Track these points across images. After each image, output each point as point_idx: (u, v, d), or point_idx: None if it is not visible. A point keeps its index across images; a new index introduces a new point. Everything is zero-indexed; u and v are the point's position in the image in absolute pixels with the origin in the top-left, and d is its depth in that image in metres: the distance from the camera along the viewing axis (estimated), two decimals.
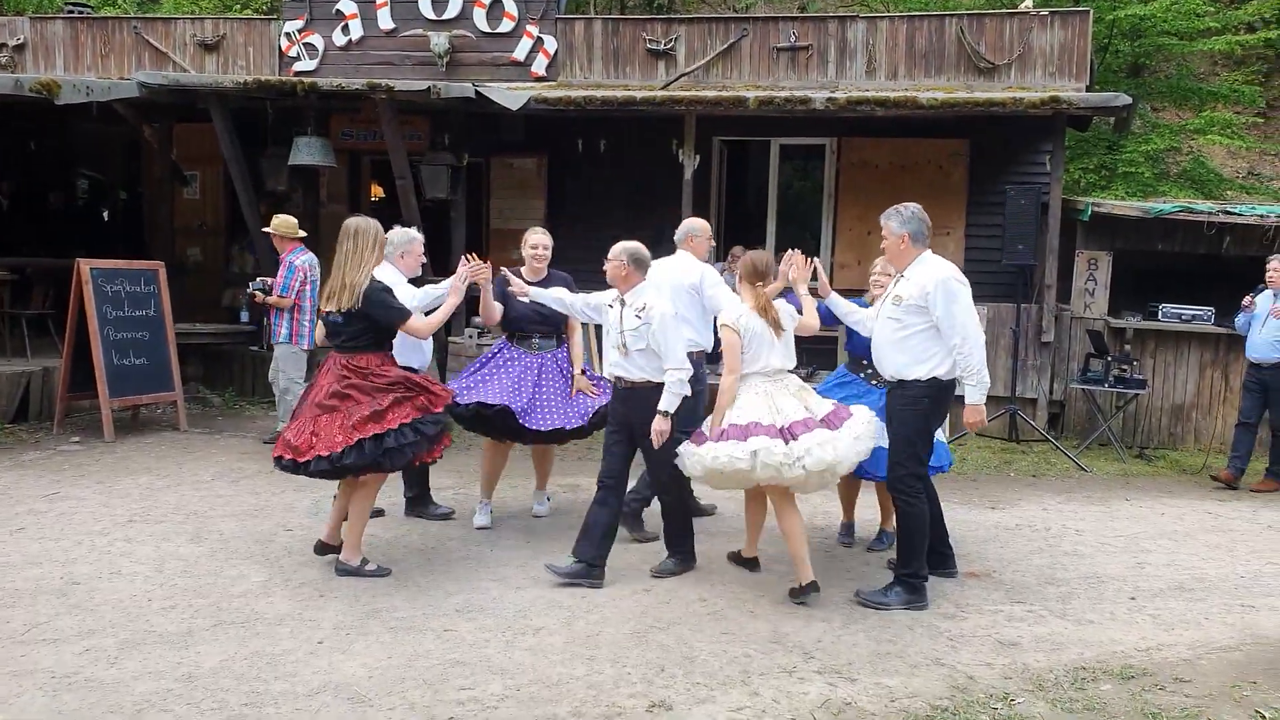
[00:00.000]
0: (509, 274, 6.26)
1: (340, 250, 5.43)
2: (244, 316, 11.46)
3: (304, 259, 8.80)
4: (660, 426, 5.40)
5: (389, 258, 5.97)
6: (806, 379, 9.57)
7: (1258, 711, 4.26)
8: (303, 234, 8.93)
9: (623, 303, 5.63)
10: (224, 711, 3.99)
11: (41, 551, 5.86)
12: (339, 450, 5.21)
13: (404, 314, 5.47)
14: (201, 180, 12.83)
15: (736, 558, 6.00)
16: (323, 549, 5.78)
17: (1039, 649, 4.90)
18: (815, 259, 5.93)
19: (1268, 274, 8.64)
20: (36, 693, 4.11)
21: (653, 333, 5.44)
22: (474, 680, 4.31)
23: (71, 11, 12.88)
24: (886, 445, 5.52)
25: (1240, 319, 8.90)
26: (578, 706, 4.11)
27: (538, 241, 6.51)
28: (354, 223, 5.50)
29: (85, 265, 9.13)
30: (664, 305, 5.56)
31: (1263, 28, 16.11)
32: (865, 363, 6.04)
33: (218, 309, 12.09)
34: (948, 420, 6.16)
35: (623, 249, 5.65)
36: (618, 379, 5.67)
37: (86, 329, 9.04)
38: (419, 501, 6.84)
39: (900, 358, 5.36)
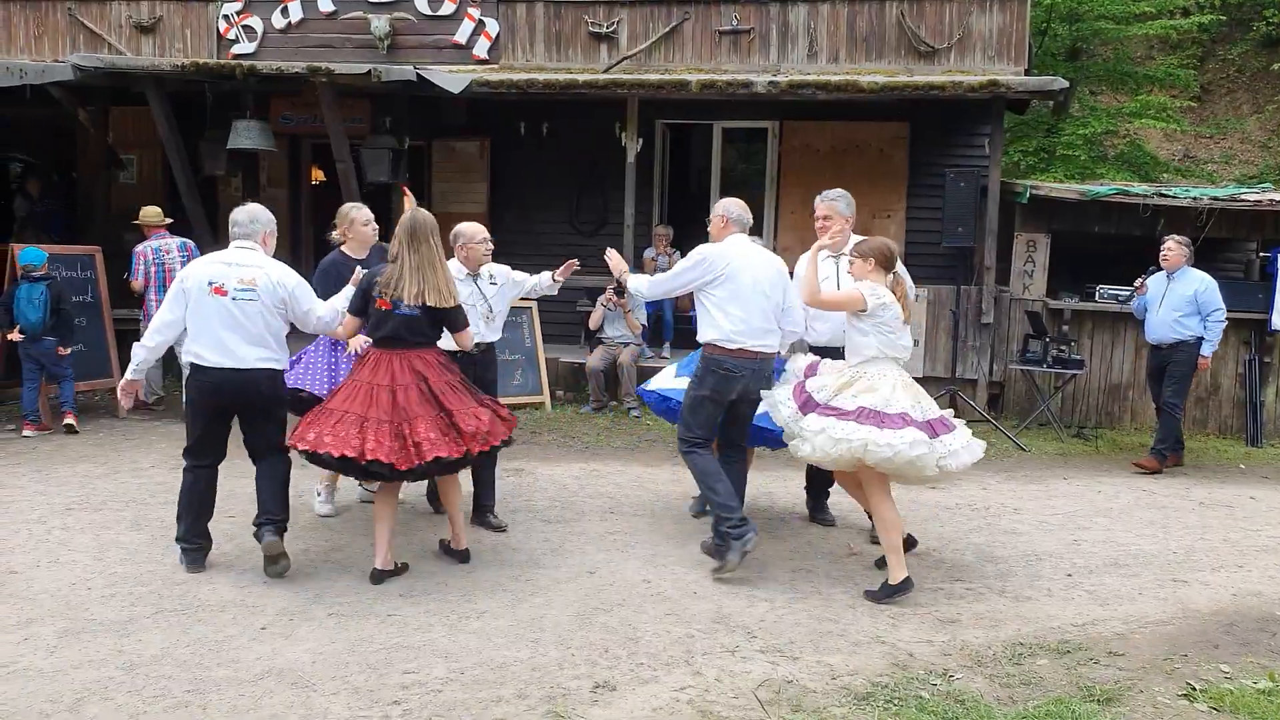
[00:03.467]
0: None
1: (421, 250, 5.13)
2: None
3: (142, 244, 9.21)
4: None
5: (255, 237, 5.39)
6: None
7: (1188, 683, 4.37)
8: (169, 220, 9.49)
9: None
10: (166, 699, 3.95)
11: None
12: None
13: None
14: (139, 165, 12.61)
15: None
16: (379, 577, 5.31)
17: (978, 625, 4.99)
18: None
19: (1162, 255, 8.56)
20: None
21: None
22: (418, 664, 4.32)
23: None
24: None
25: (1135, 302, 8.89)
26: (522, 688, 4.12)
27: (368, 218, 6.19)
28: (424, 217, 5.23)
29: (19, 250, 8.94)
30: None
31: (1196, 12, 16.41)
32: None
33: None
34: None
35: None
36: None
37: None
38: None
39: None
